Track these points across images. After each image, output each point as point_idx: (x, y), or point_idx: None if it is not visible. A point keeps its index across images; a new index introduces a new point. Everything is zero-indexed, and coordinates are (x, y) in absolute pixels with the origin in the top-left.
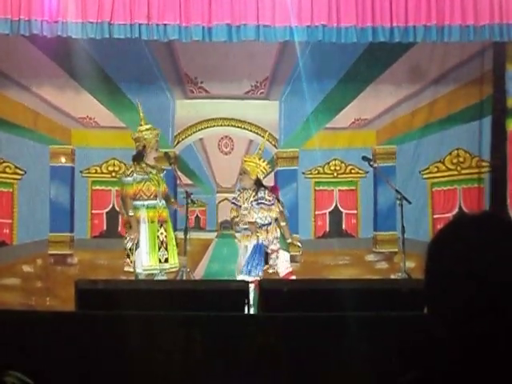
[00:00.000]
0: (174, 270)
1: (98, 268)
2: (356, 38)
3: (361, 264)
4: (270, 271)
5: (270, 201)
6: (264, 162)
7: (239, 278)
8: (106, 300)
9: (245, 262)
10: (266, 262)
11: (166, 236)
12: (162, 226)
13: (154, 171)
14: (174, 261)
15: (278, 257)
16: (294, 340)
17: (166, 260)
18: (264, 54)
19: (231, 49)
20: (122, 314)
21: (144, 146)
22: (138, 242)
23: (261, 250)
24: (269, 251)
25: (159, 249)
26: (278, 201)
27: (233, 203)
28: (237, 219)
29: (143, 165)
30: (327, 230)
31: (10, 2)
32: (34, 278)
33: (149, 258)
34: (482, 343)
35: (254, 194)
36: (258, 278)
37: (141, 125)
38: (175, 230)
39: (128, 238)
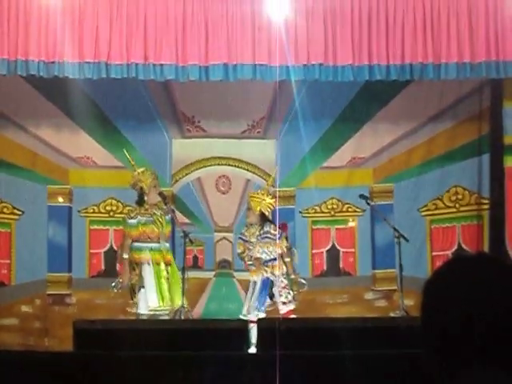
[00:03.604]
0: (173, 311)
1: (97, 308)
2: (353, 76)
3: (359, 302)
4: (283, 309)
5: (275, 235)
6: (270, 197)
7: (250, 314)
8: (104, 340)
9: (257, 302)
10: (271, 298)
11: (167, 278)
12: (165, 268)
13: (159, 213)
14: (177, 303)
15: (289, 293)
16: (293, 379)
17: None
18: (260, 93)
19: (228, 88)
20: (121, 354)
21: (141, 188)
22: (142, 285)
23: (266, 286)
24: (277, 289)
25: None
26: (286, 238)
27: (240, 238)
28: (244, 255)
29: (147, 206)
30: (325, 268)
31: (7, 42)
32: (33, 318)
33: (157, 299)
34: (473, 381)
35: (259, 228)
36: (264, 315)
37: (134, 170)
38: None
39: (116, 281)
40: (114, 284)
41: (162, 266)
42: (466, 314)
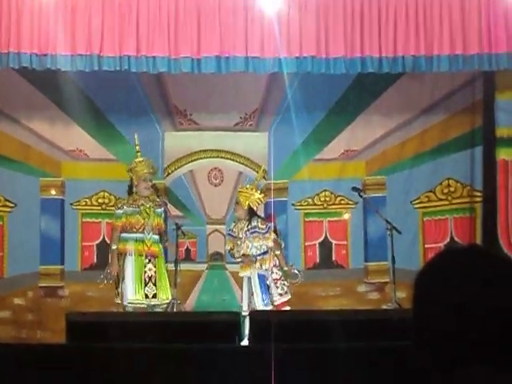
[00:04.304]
0: (164, 305)
1: (89, 300)
2: (345, 68)
3: (352, 295)
4: (279, 300)
5: (263, 229)
6: (259, 192)
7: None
8: (97, 332)
9: (261, 296)
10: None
11: (155, 271)
12: (150, 261)
13: (148, 204)
14: (166, 296)
15: (284, 284)
16: (286, 371)
17: (155, 296)
18: (253, 86)
19: (220, 81)
20: (113, 347)
21: (131, 178)
22: (123, 276)
23: (263, 281)
24: (271, 282)
25: (146, 284)
26: (275, 230)
27: (228, 234)
28: (233, 251)
29: (136, 197)
30: (317, 261)
31: None
32: (25, 311)
33: (133, 291)
34: (464, 375)
35: (247, 224)
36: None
37: (136, 157)
38: (166, 261)
39: (105, 272)
40: (102, 276)
41: (144, 258)
42: (458, 306)
